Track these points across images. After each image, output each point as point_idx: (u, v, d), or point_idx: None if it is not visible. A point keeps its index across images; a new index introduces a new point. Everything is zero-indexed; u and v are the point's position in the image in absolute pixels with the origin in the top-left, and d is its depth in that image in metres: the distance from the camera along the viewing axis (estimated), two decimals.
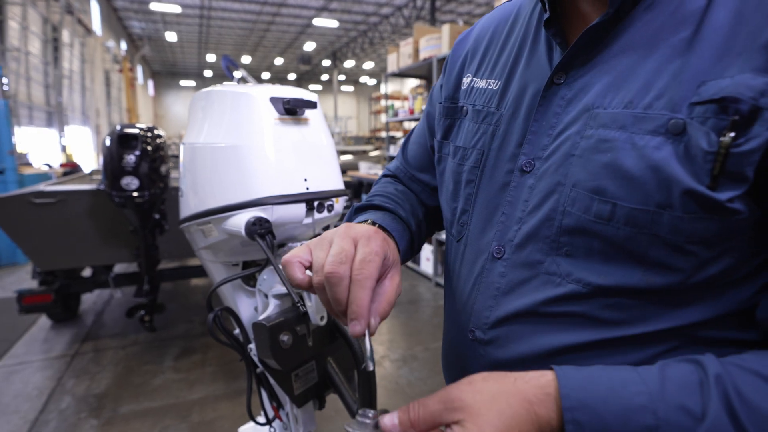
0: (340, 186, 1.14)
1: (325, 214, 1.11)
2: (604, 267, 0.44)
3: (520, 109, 0.53)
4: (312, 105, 1.05)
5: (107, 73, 10.20)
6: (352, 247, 0.46)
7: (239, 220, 1.00)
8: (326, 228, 1.24)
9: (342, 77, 18.18)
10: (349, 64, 9.64)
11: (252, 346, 1.17)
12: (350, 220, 0.66)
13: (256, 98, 1.03)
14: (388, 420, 0.38)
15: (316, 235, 0.97)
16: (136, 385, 2.67)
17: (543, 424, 0.36)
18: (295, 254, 0.47)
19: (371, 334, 0.42)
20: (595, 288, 0.44)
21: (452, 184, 0.61)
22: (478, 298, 0.54)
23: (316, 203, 1.07)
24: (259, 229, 0.97)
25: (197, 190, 1.10)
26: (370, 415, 0.39)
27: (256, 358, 1.16)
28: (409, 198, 0.72)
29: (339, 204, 1.15)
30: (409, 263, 4.98)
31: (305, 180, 1.04)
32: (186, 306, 4.02)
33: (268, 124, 1.02)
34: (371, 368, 0.42)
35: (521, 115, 0.52)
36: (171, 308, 3.90)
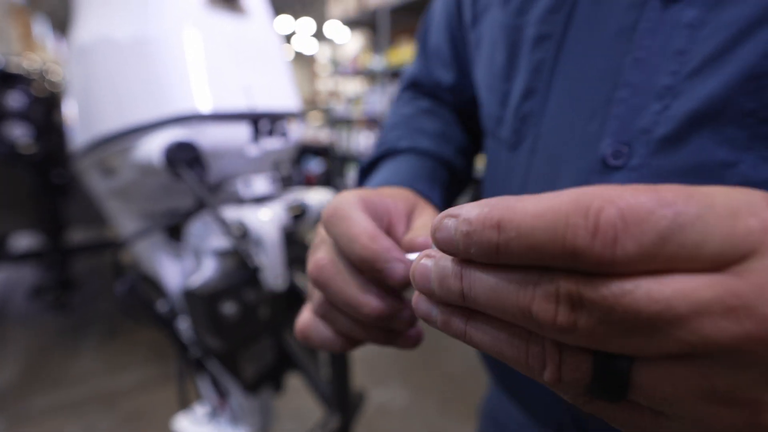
0: (295, 105, 0.86)
1: (276, 142, 0.83)
2: None
3: None
4: None
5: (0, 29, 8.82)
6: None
7: (153, 146, 0.70)
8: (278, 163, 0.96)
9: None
10: (286, 24, 8.62)
11: (183, 321, 0.89)
12: (361, 185, 0.43)
13: None
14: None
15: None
16: (50, 375, 2.28)
17: None
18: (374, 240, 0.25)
19: None
20: None
21: (505, 52, 0.36)
22: None
23: (263, 125, 0.79)
24: (183, 156, 0.68)
25: (91, 109, 0.78)
26: None
27: (186, 338, 0.89)
28: (441, 116, 0.47)
29: (295, 130, 0.87)
30: None
31: (246, 91, 0.76)
32: (107, 284, 3.54)
33: (190, 7, 0.71)
34: None
35: None
36: (89, 288, 3.41)
